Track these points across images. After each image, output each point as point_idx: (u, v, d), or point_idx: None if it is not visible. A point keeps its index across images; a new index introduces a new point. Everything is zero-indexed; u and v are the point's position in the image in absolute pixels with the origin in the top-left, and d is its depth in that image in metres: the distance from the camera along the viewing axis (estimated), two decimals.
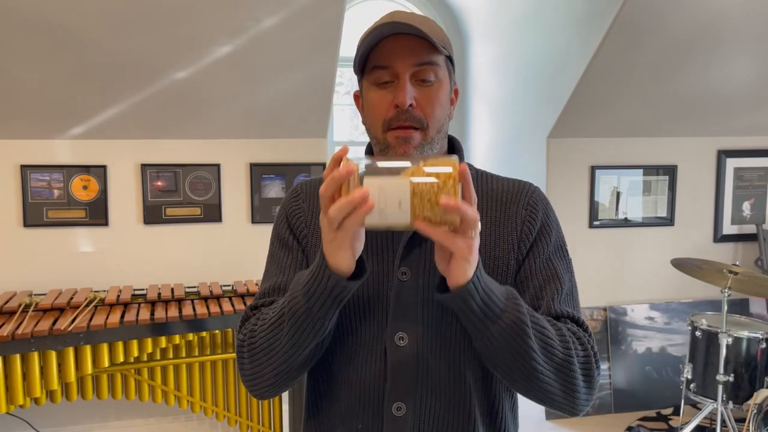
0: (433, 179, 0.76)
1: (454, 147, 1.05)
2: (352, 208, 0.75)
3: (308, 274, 0.87)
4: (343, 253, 0.82)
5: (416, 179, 0.76)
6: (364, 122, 1.02)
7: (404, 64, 0.94)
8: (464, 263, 0.81)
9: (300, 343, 0.89)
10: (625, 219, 3.53)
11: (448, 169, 0.76)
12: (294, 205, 1.05)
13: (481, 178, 1.06)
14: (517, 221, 1.01)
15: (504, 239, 0.99)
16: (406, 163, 0.78)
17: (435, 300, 0.93)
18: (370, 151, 1.06)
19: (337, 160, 0.78)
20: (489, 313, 0.84)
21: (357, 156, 0.81)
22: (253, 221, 3.12)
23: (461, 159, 1.03)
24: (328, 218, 0.78)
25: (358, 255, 0.85)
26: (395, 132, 0.95)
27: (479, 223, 0.80)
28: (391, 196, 0.76)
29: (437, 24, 0.99)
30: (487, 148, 4.11)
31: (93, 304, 2.50)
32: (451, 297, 0.84)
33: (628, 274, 3.56)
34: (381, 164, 0.79)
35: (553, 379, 0.89)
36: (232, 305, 2.57)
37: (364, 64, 0.98)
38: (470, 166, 1.05)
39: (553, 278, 0.98)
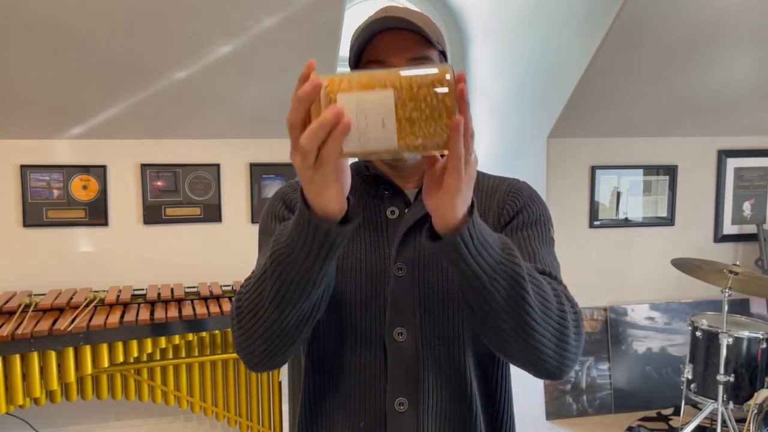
0: (423, 93, 0.62)
1: None
2: (326, 132, 0.64)
3: (292, 221, 0.77)
4: (329, 192, 0.71)
5: (400, 95, 0.62)
6: None
7: (398, 58, 0.93)
8: (456, 196, 0.72)
9: (286, 300, 0.80)
10: (626, 219, 3.52)
11: (436, 71, 0.63)
12: (293, 195, 1.01)
13: None
14: (498, 206, 1.01)
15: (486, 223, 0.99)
16: (388, 73, 0.64)
17: (429, 288, 0.87)
18: None
19: (304, 78, 0.66)
20: (484, 265, 0.77)
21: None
22: (253, 221, 3.12)
23: None
24: (301, 150, 0.67)
25: (347, 191, 0.74)
26: None
27: (476, 157, 0.72)
28: (371, 112, 0.63)
29: (430, 19, 0.99)
30: (487, 148, 4.11)
31: (93, 304, 2.50)
32: (444, 245, 0.76)
33: (628, 274, 3.56)
34: (356, 74, 0.65)
35: (549, 336, 0.83)
36: (232, 305, 2.56)
37: (358, 60, 0.98)
38: None
39: (526, 246, 0.95)
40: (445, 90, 0.63)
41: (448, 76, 0.63)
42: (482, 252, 0.77)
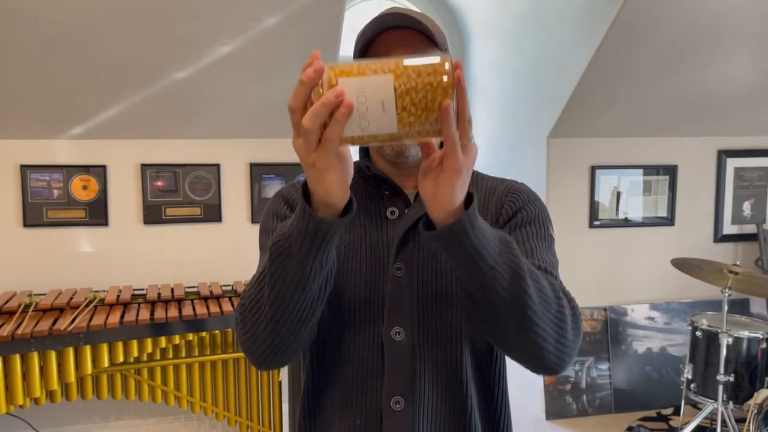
0: (422, 78, 0.64)
1: None
2: (328, 111, 0.65)
3: (292, 219, 0.78)
4: (330, 176, 0.71)
5: (400, 80, 0.64)
6: None
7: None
8: (455, 180, 0.72)
9: (283, 294, 0.80)
10: (626, 219, 3.53)
11: (436, 59, 0.64)
12: (295, 194, 1.01)
13: (470, 177, 1.06)
14: (497, 206, 1.01)
15: None
16: (388, 60, 0.66)
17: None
18: (366, 151, 1.06)
19: (309, 66, 0.69)
20: (485, 253, 0.77)
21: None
22: (253, 221, 3.12)
23: None
24: (304, 131, 0.67)
25: (349, 179, 0.74)
26: None
27: (475, 145, 0.72)
28: (371, 95, 0.64)
29: (434, 21, 1.00)
30: (487, 148, 4.11)
31: (93, 304, 2.50)
32: (443, 232, 0.75)
33: (628, 274, 3.56)
34: (357, 62, 0.67)
35: (548, 329, 0.83)
36: (232, 305, 2.56)
37: (362, 57, 0.99)
38: None
39: (524, 240, 0.95)
40: (443, 77, 0.64)
41: (446, 65, 0.64)
42: (482, 240, 0.76)
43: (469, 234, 0.75)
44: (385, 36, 0.95)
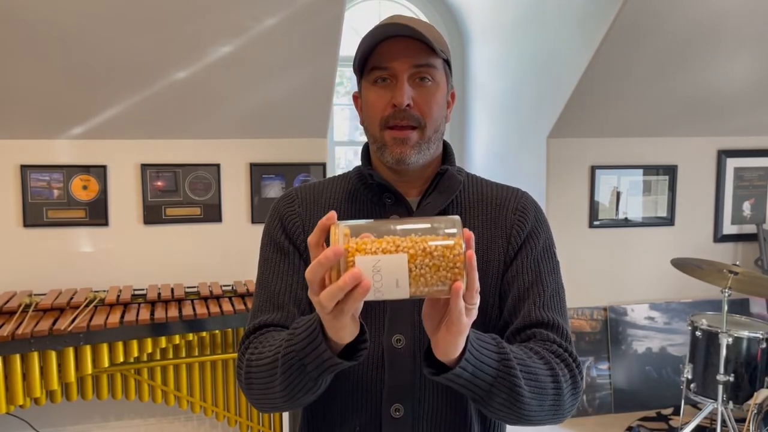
0: (434, 258, 0.69)
1: (446, 151, 1.06)
2: (344, 293, 0.68)
3: (305, 334, 0.81)
4: (344, 332, 0.76)
5: (414, 260, 0.68)
6: (362, 122, 1.03)
7: (402, 64, 0.94)
8: (457, 338, 0.76)
9: (294, 393, 0.87)
10: (625, 219, 3.53)
11: (450, 242, 0.69)
12: (289, 210, 1.03)
13: (472, 182, 1.07)
14: (506, 225, 1.01)
15: (494, 242, 1.00)
16: (404, 227, 0.70)
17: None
18: (366, 152, 1.06)
19: (324, 229, 0.71)
20: (481, 383, 0.83)
21: (346, 223, 0.72)
22: (253, 221, 3.12)
23: (451, 163, 1.05)
24: (319, 305, 0.71)
25: (357, 315, 0.79)
26: (392, 132, 0.96)
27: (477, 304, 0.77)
28: (387, 275, 0.68)
29: (435, 29, 1.01)
30: (487, 148, 4.11)
31: (93, 304, 2.50)
32: (442, 378, 0.82)
33: (628, 274, 3.56)
34: (372, 239, 0.69)
35: (544, 413, 0.90)
36: (232, 305, 2.57)
37: (363, 65, 0.99)
38: (462, 171, 1.06)
39: (537, 281, 0.98)
40: (455, 260, 0.69)
41: (459, 247, 0.69)
42: (478, 374, 0.82)
43: (468, 369, 0.81)
44: (386, 44, 0.95)
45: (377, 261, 0.67)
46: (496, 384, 0.84)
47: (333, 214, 0.71)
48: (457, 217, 0.71)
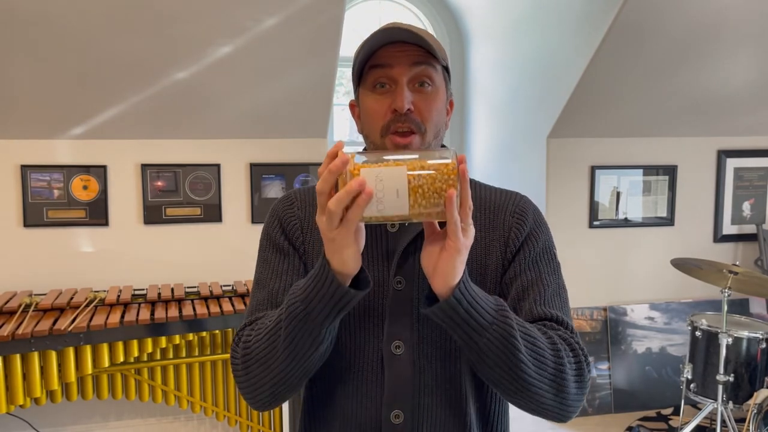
0: (431, 171, 0.76)
1: None
2: (351, 198, 0.75)
3: (309, 278, 0.85)
4: (348, 251, 0.80)
5: (412, 171, 0.76)
6: (360, 130, 1.03)
7: (402, 69, 0.95)
8: (455, 257, 0.80)
9: (297, 352, 0.87)
10: (625, 219, 3.53)
11: (447, 160, 0.77)
12: (288, 212, 1.04)
13: (470, 187, 1.06)
14: (504, 228, 1.01)
15: (493, 246, 1.00)
16: (403, 156, 0.79)
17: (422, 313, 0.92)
18: None
19: (333, 155, 0.77)
20: (476, 326, 0.83)
21: (353, 150, 0.81)
22: (253, 221, 3.12)
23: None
24: (329, 213, 0.76)
25: (361, 249, 0.84)
26: (393, 138, 0.95)
27: (473, 228, 0.81)
28: (388, 184, 0.76)
29: (435, 38, 1.00)
30: (487, 148, 4.11)
31: (93, 304, 2.50)
32: (437, 309, 0.83)
33: (628, 274, 3.56)
34: (377, 155, 0.79)
35: (545, 388, 0.88)
36: (232, 305, 2.57)
37: (361, 72, 0.99)
38: None
39: (537, 280, 0.98)
40: (449, 171, 0.77)
41: (453, 161, 0.77)
42: (473, 313, 0.83)
43: (463, 303, 0.83)
44: (386, 49, 0.95)
45: (380, 172, 0.76)
46: (492, 331, 0.84)
47: (341, 143, 0.78)
48: (451, 149, 0.79)
